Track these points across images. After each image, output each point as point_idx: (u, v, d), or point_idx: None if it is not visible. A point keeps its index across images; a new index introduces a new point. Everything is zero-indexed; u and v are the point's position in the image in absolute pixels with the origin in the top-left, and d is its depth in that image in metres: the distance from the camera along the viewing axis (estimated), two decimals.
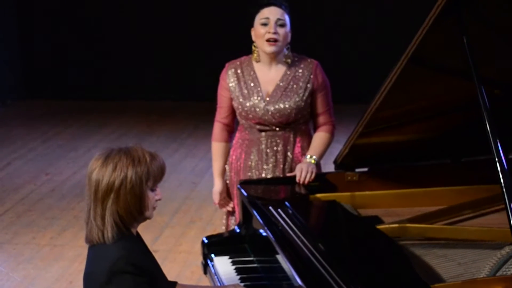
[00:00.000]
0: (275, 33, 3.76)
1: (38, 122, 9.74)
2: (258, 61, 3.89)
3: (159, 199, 2.76)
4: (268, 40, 3.77)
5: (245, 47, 3.96)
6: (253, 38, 3.87)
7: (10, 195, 6.94)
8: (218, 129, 4.05)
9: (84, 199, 2.74)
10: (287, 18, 3.81)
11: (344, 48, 10.29)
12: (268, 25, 3.77)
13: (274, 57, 3.85)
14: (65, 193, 6.94)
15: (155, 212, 2.81)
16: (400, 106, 3.46)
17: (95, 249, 2.71)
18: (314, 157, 3.81)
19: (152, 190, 2.72)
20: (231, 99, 3.93)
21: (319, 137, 3.93)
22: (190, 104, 10.46)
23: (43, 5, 10.89)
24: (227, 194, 4.07)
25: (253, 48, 3.90)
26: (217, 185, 4.06)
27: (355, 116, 3.69)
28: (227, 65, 3.98)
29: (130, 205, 2.66)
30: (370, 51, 10.11)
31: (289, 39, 3.85)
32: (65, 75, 11.03)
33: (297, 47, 3.96)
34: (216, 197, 4.06)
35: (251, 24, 3.87)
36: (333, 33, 10.34)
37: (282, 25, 3.79)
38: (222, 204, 4.07)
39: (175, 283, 2.94)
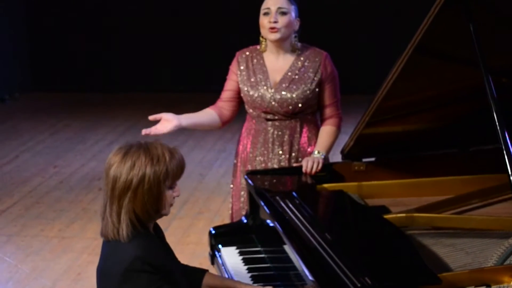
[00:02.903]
0: (275, 21, 3.77)
1: (46, 115, 9.76)
2: (264, 51, 3.89)
3: (177, 196, 2.70)
4: (270, 28, 3.78)
5: (253, 38, 3.96)
6: (260, 28, 3.87)
7: (19, 187, 6.96)
8: (214, 104, 4.02)
9: (92, 191, 2.74)
10: (290, 6, 3.80)
11: (352, 39, 10.26)
12: (270, 14, 3.78)
13: (280, 46, 3.85)
14: (73, 185, 6.95)
15: None
16: (406, 96, 3.45)
17: (110, 245, 2.66)
18: (321, 152, 3.79)
19: (171, 188, 2.66)
20: (238, 84, 3.93)
21: (326, 132, 3.90)
22: (197, 95, 10.41)
23: None
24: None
25: (260, 39, 3.90)
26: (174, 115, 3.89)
27: (362, 107, 3.68)
28: (237, 53, 3.99)
29: (147, 205, 2.60)
30: (378, 42, 10.09)
31: (296, 27, 3.84)
32: (72, 67, 11.05)
33: (305, 38, 3.95)
34: (158, 115, 3.84)
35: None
36: (341, 24, 10.31)
37: (284, 13, 3.78)
38: (157, 127, 3.79)
39: (205, 270, 2.97)
